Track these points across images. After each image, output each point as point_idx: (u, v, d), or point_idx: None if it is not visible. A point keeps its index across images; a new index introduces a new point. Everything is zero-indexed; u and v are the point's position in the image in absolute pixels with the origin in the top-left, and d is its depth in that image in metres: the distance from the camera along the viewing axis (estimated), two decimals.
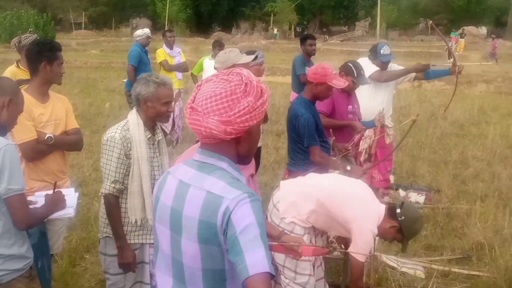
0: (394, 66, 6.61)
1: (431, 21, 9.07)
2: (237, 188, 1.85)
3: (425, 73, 6.63)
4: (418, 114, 6.36)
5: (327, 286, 4.11)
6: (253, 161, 3.17)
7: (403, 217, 3.66)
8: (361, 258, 3.61)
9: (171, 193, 2.00)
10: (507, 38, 49.31)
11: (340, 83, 4.82)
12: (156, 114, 3.57)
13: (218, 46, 8.80)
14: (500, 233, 6.03)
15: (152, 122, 3.66)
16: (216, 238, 1.84)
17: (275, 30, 62.49)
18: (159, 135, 3.74)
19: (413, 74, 6.58)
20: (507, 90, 20.99)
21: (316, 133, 4.82)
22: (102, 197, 3.60)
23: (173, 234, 1.97)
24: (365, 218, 3.60)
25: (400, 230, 3.67)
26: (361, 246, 3.55)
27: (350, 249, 3.61)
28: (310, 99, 4.92)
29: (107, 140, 3.52)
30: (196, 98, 1.91)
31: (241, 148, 1.96)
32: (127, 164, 3.53)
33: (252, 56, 5.11)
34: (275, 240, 2.98)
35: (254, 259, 1.74)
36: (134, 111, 3.63)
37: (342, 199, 3.69)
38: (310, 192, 3.81)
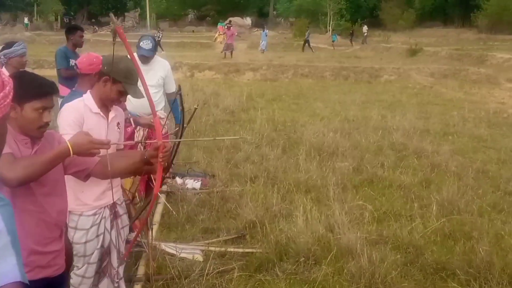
0: (159, 60, 6.60)
1: None
2: None
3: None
4: (197, 105, 6.39)
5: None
6: None
7: (106, 68, 3.64)
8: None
9: None
10: (270, 28, 52.73)
11: None
12: None
13: None
14: (270, 210, 6.40)
15: None
16: None
17: (26, 20, 58.64)
18: None
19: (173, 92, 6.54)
20: (271, 77, 22.50)
21: None
22: None
23: None
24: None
25: (113, 79, 3.61)
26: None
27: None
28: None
29: None
30: None
31: None
32: None
33: None
34: None
35: (4, 269, 1.58)
36: None
37: None
38: None
